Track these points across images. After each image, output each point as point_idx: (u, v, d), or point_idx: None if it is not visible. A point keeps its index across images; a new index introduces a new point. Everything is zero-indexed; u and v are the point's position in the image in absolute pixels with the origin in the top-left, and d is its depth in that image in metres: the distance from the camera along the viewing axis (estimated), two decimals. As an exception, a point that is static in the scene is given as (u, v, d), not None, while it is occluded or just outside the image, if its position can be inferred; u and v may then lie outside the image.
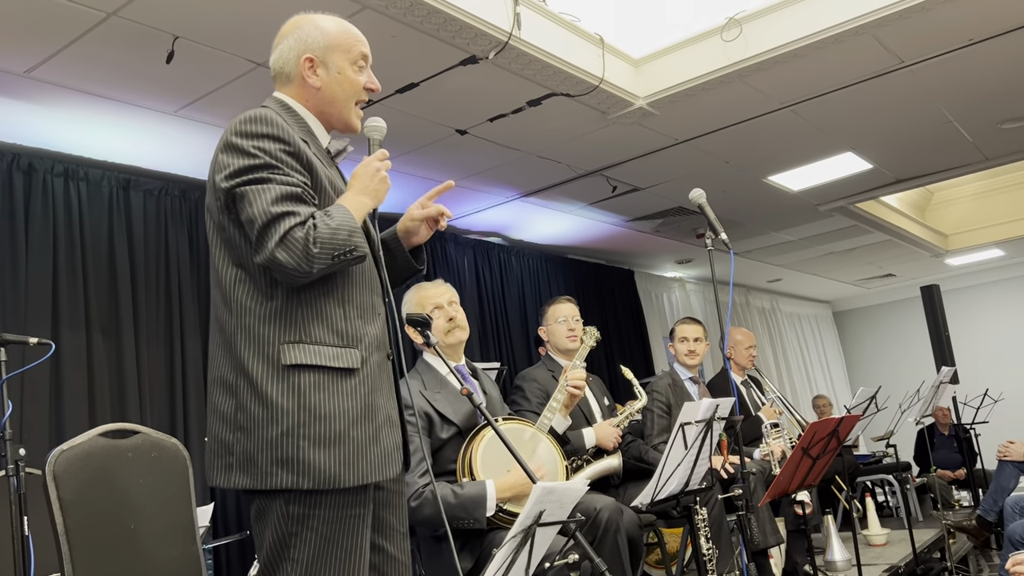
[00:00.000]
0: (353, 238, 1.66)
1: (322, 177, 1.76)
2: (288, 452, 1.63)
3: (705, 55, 3.99)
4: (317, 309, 1.70)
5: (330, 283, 1.72)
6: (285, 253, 1.60)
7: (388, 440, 1.75)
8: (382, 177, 1.78)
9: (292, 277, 1.65)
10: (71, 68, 3.21)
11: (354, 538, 1.70)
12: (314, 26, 1.86)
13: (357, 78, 1.87)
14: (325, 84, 1.84)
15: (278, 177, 1.66)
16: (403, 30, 3.24)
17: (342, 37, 1.86)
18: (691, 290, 8.94)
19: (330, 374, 1.67)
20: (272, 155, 1.67)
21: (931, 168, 6.05)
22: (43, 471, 2.04)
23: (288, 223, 1.62)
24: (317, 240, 1.61)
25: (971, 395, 6.67)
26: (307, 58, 1.83)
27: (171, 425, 3.99)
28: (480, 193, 5.32)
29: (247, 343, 1.68)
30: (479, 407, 2.02)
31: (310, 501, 1.66)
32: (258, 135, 1.68)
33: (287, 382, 1.65)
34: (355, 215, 1.70)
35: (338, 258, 1.64)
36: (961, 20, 3.70)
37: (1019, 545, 3.52)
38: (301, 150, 1.71)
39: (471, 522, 2.61)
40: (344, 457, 1.65)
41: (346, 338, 1.71)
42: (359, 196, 1.75)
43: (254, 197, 1.64)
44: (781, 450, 4.14)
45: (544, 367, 3.72)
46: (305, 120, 1.85)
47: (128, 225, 4.06)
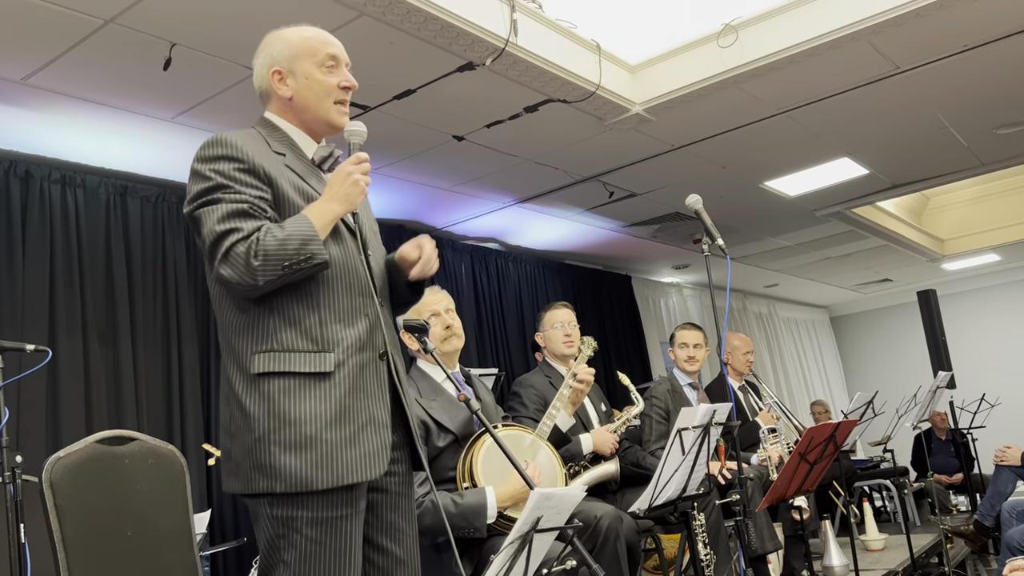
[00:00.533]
0: (307, 247, 1.68)
1: (285, 189, 1.79)
2: (262, 458, 1.68)
3: (701, 61, 4.00)
4: (290, 316, 1.74)
5: (304, 289, 1.75)
6: (228, 268, 1.67)
7: (370, 441, 1.75)
8: (353, 181, 1.77)
9: (241, 291, 1.70)
10: (68, 75, 3.21)
11: (341, 539, 1.72)
12: (278, 39, 1.91)
13: (327, 79, 1.88)
14: (296, 92, 1.88)
15: (228, 196, 1.72)
16: (400, 37, 3.25)
17: (306, 43, 1.89)
18: (688, 295, 8.95)
19: (300, 379, 1.71)
20: (225, 175, 1.74)
21: (927, 173, 6.06)
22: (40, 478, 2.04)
23: (231, 239, 1.68)
24: (259, 253, 1.65)
25: (968, 400, 6.68)
26: (274, 71, 1.88)
27: (168, 432, 3.98)
28: (477, 199, 5.33)
29: (229, 355, 1.78)
30: (476, 412, 2.02)
31: (292, 503, 1.69)
32: (212, 158, 1.76)
33: (258, 390, 1.71)
34: (317, 223, 1.72)
35: (288, 268, 1.67)
36: (956, 26, 3.72)
37: (1017, 551, 3.52)
38: (256, 165, 1.76)
39: (471, 531, 2.61)
40: (316, 460, 1.68)
41: (320, 342, 1.74)
42: (327, 203, 1.76)
43: (204, 219, 1.72)
44: (779, 455, 4.14)
45: (541, 373, 3.72)
46: (288, 134, 1.90)
47: (125, 232, 4.06)
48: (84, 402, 3.69)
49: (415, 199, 5.14)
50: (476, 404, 2.00)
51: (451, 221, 5.69)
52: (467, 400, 2.01)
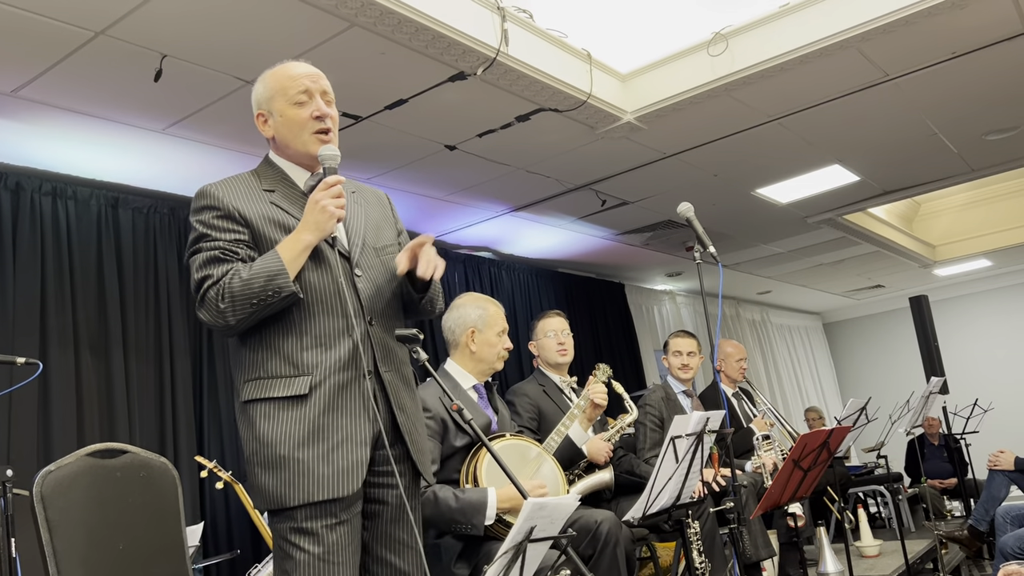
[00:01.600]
0: (273, 282, 1.78)
1: (261, 226, 1.89)
2: (251, 478, 1.86)
3: (692, 70, 4.02)
4: (275, 345, 1.86)
5: (286, 318, 1.86)
6: (204, 313, 1.83)
7: (344, 459, 1.83)
8: (321, 208, 1.83)
9: (219, 331, 1.85)
10: (59, 87, 3.21)
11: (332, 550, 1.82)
12: (260, 82, 2.03)
13: (299, 112, 1.96)
14: (276, 131, 1.99)
15: (206, 245, 1.87)
16: (392, 47, 3.25)
17: (279, 83, 1.98)
18: (681, 303, 8.96)
19: (277, 404, 1.83)
20: (205, 224, 1.88)
21: (918, 180, 6.09)
22: (31, 492, 2.03)
23: (205, 286, 1.83)
24: (225, 296, 1.79)
25: (961, 405, 6.70)
26: (258, 115, 2.02)
27: (160, 444, 3.96)
28: (470, 208, 5.33)
29: (234, 388, 1.95)
30: (469, 422, 2.03)
31: (282, 517, 1.83)
32: (197, 209, 1.92)
33: (246, 416, 1.87)
34: (287, 256, 1.80)
35: (260, 304, 1.79)
36: (944, 34, 3.74)
37: (1011, 555, 3.52)
38: (232, 209, 1.88)
39: (469, 527, 2.62)
40: (287, 479, 1.80)
41: (300, 367, 1.84)
42: (299, 233, 1.84)
43: (191, 268, 1.88)
44: (773, 462, 4.14)
45: (535, 382, 3.72)
46: (282, 169, 2.02)
47: (117, 243, 4.05)
48: (75, 415, 3.66)
49: (408, 208, 5.15)
50: (468, 415, 2.00)
51: (444, 230, 5.70)
52: (460, 410, 2.01)
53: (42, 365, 2.81)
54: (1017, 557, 3.49)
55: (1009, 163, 5.95)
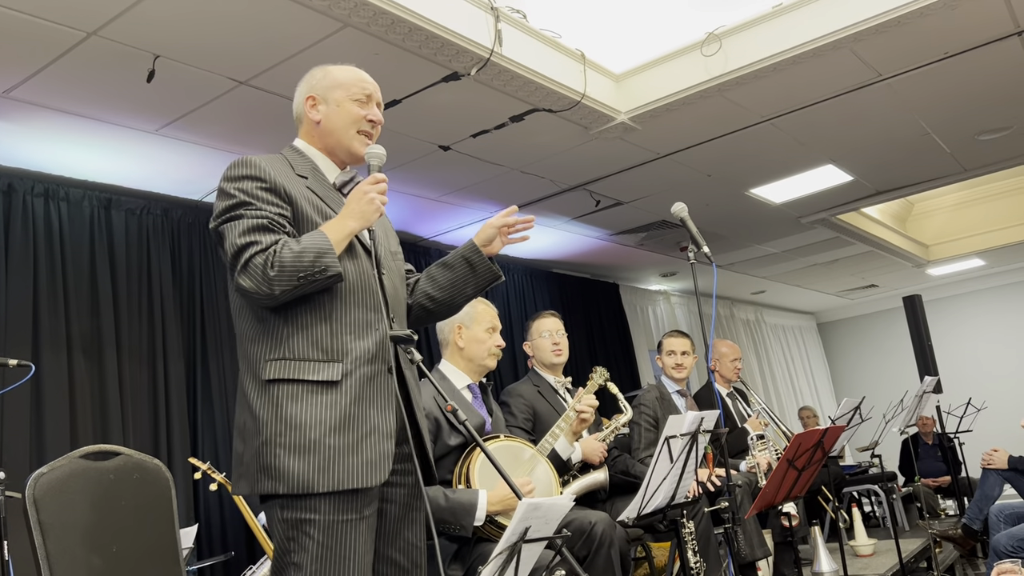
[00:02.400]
0: (322, 259, 1.78)
1: (304, 207, 1.90)
2: (267, 460, 1.77)
3: (685, 70, 4.03)
4: (303, 327, 1.83)
5: (317, 301, 1.85)
6: (247, 279, 1.78)
7: (372, 450, 1.82)
8: (369, 199, 1.87)
9: (258, 300, 1.81)
10: (51, 88, 3.20)
11: (348, 544, 1.79)
12: (322, 71, 2.07)
13: (356, 109, 2.03)
14: (324, 116, 2.02)
15: (249, 212, 1.83)
16: (385, 47, 3.25)
17: (346, 79, 2.06)
18: (676, 303, 8.97)
19: (307, 386, 1.80)
20: (248, 193, 1.85)
21: (911, 179, 6.11)
22: (23, 494, 2.02)
23: (250, 251, 1.78)
24: (275, 264, 1.76)
25: (954, 404, 6.71)
26: (309, 96, 2.04)
27: (154, 446, 3.95)
28: (464, 209, 5.33)
29: (244, 363, 1.88)
30: (464, 423, 2.02)
31: (300, 507, 1.77)
32: (237, 177, 1.87)
33: (267, 395, 1.80)
34: (333, 237, 1.82)
35: (305, 280, 1.77)
36: (936, 34, 3.75)
37: (1004, 554, 3.53)
38: (278, 184, 1.87)
39: (457, 528, 2.62)
40: (318, 464, 1.76)
41: (330, 352, 1.83)
42: (344, 219, 1.86)
43: (227, 233, 1.83)
44: (767, 462, 4.15)
45: (530, 382, 3.72)
46: (312, 159, 2.04)
47: (110, 244, 4.03)
48: (68, 417, 3.65)
49: (402, 209, 5.14)
50: (463, 416, 2.00)
51: (438, 231, 5.69)
52: (454, 411, 2.01)
53: (34, 367, 2.81)
54: (1011, 555, 3.50)
55: (1001, 163, 5.97)
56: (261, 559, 3.58)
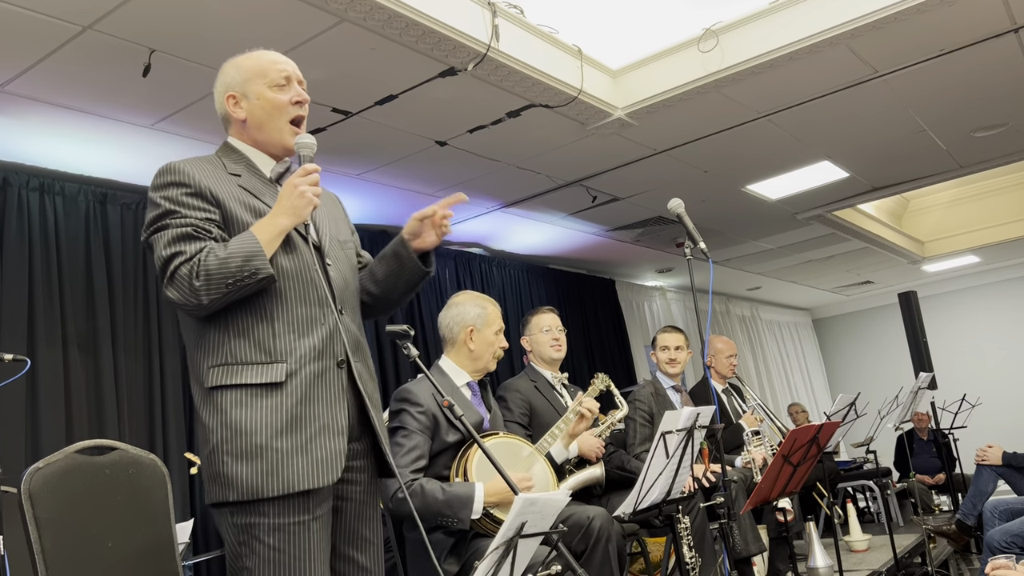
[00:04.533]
0: (250, 263, 1.73)
1: (233, 207, 1.85)
2: (216, 467, 1.76)
3: (682, 66, 4.02)
4: (243, 330, 1.80)
5: (256, 302, 1.81)
6: (174, 290, 1.75)
7: (323, 449, 1.78)
8: (299, 193, 1.80)
9: (189, 311, 1.78)
10: (46, 82, 3.19)
11: (301, 545, 1.76)
12: (232, 66, 2.00)
13: (278, 96, 1.94)
14: (249, 113, 1.96)
15: (175, 221, 1.79)
16: (382, 42, 3.24)
17: (257, 66, 1.97)
18: (672, 299, 8.98)
19: (250, 390, 1.77)
20: (172, 200, 1.81)
21: (906, 176, 6.12)
22: (19, 489, 2.02)
23: (176, 262, 1.75)
24: (200, 273, 1.72)
25: (949, 400, 6.74)
26: (228, 96, 1.97)
27: (150, 441, 3.95)
28: (460, 205, 5.31)
29: (191, 372, 1.86)
30: (460, 418, 2.03)
31: (250, 511, 1.74)
32: (161, 185, 1.85)
33: (212, 403, 1.78)
34: (263, 237, 1.77)
35: (233, 285, 1.73)
36: (932, 31, 3.76)
37: (998, 550, 3.55)
38: (203, 188, 1.83)
39: (455, 521, 2.63)
40: (266, 468, 1.73)
41: (273, 354, 1.79)
42: (275, 217, 1.80)
43: (155, 245, 1.80)
44: (762, 457, 4.16)
45: (527, 377, 3.72)
46: (245, 155, 1.98)
47: (105, 239, 4.03)
48: (64, 412, 3.64)
49: (398, 204, 5.13)
50: (459, 411, 2.00)
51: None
52: (451, 406, 2.01)
53: (30, 361, 2.80)
54: (1004, 551, 3.51)
55: (997, 159, 5.98)
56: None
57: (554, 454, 3.24)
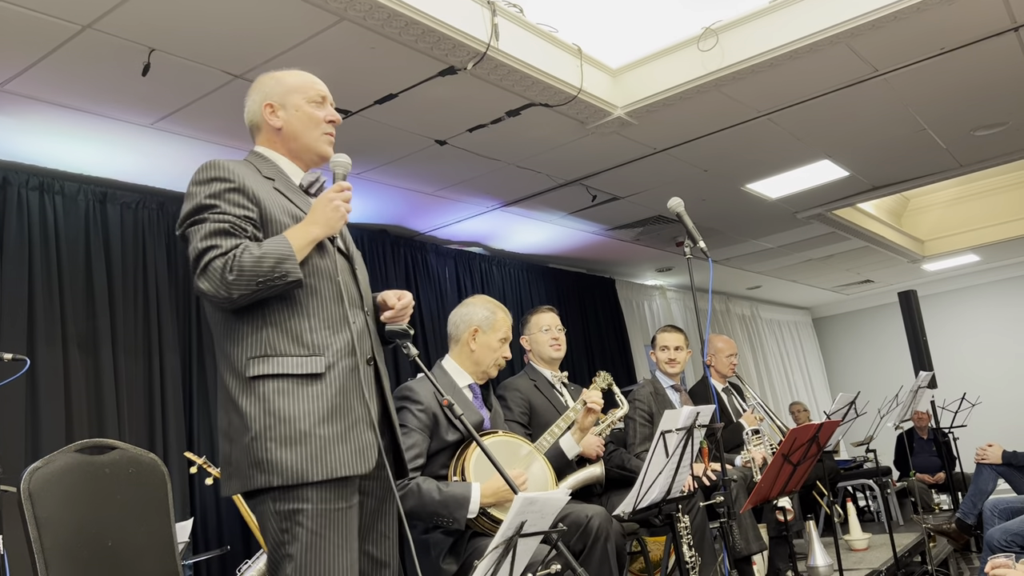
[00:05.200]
0: (282, 265, 1.82)
1: (272, 209, 1.94)
2: (259, 454, 1.81)
3: (682, 65, 4.02)
4: (281, 323, 1.88)
5: (291, 300, 1.90)
6: (206, 282, 1.82)
7: (360, 439, 1.88)
8: (334, 207, 1.92)
9: (217, 303, 1.85)
10: (46, 81, 3.18)
11: (341, 531, 1.83)
12: (272, 79, 2.12)
13: (315, 112, 2.08)
14: (285, 122, 2.07)
15: (213, 216, 1.87)
16: (381, 41, 3.24)
17: (299, 83, 2.11)
18: (672, 298, 8.98)
19: (293, 380, 1.85)
20: (214, 195, 1.89)
21: (906, 175, 6.12)
22: (18, 488, 2.02)
23: (210, 255, 1.82)
24: (234, 268, 1.80)
25: (949, 399, 6.73)
26: (267, 104, 2.08)
27: (150, 440, 3.95)
28: (460, 203, 5.32)
29: (224, 363, 1.92)
30: (459, 417, 2.03)
31: (292, 497, 1.80)
32: (205, 180, 1.91)
33: (253, 392, 1.84)
34: (296, 243, 1.86)
35: (264, 284, 1.81)
36: (933, 29, 3.75)
37: (998, 548, 3.55)
38: (247, 186, 1.91)
39: (451, 521, 2.62)
40: (310, 454, 1.80)
41: (311, 347, 1.88)
42: (309, 225, 1.91)
43: (191, 237, 1.87)
44: (762, 456, 4.16)
45: (526, 377, 3.72)
46: (276, 163, 2.07)
47: (105, 238, 4.02)
48: (64, 411, 3.64)
49: (398, 203, 5.13)
50: (459, 410, 2.01)
51: (434, 225, 5.69)
52: (450, 405, 2.02)
53: (29, 361, 2.80)
54: (1004, 550, 3.51)
55: (997, 158, 5.97)
56: (257, 553, 3.57)
57: (564, 448, 3.24)
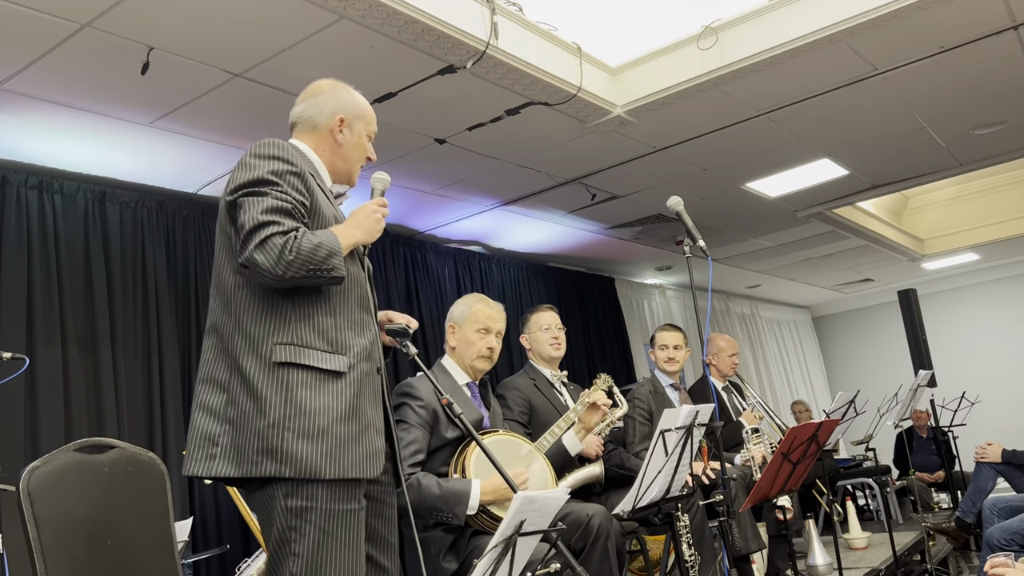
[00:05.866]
0: (332, 259, 1.84)
1: (320, 203, 1.97)
2: (273, 443, 1.78)
3: (681, 63, 4.02)
4: (309, 316, 1.88)
5: (322, 296, 1.91)
6: (262, 255, 1.79)
7: (372, 443, 1.88)
8: (376, 218, 2.01)
9: (265, 278, 1.82)
10: (45, 79, 3.18)
11: (350, 532, 1.83)
12: (349, 94, 2.18)
13: (367, 145, 2.19)
14: (346, 143, 2.13)
15: (275, 192, 1.86)
16: (381, 40, 3.24)
17: (367, 112, 2.20)
18: (671, 297, 8.97)
19: (318, 374, 1.84)
20: (276, 173, 1.89)
21: (906, 174, 6.12)
22: (17, 487, 2.02)
23: (271, 229, 1.80)
24: (294, 249, 1.79)
25: (949, 398, 6.74)
26: (340, 118, 2.12)
27: (149, 439, 3.94)
28: (460, 202, 5.32)
29: (243, 342, 1.86)
30: (459, 416, 2.03)
31: (305, 494, 1.79)
32: (268, 156, 1.91)
33: (276, 378, 1.82)
34: (342, 242, 1.89)
35: (313, 272, 1.82)
36: (932, 28, 3.75)
37: (997, 547, 3.55)
38: (305, 174, 1.94)
39: (450, 516, 2.63)
40: (326, 450, 1.80)
41: (335, 345, 1.89)
42: (351, 228, 1.96)
43: (249, 206, 1.84)
44: (762, 455, 4.16)
45: (526, 376, 3.72)
46: (314, 164, 2.09)
47: (104, 237, 4.02)
48: (63, 410, 3.64)
49: (397, 202, 5.13)
50: (458, 409, 2.01)
51: (434, 224, 5.69)
52: (449, 404, 2.02)
53: (29, 360, 2.80)
54: (1004, 548, 3.51)
55: (997, 157, 5.97)
56: (256, 552, 3.57)
57: (567, 444, 3.24)
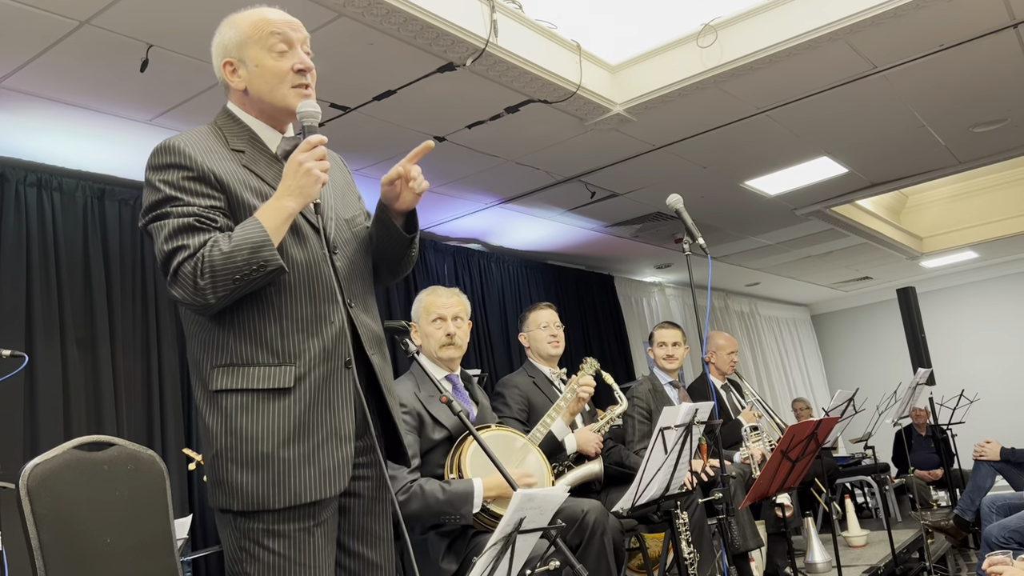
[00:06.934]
0: (258, 254, 1.59)
1: (239, 191, 1.70)
2: (219, 474, 1.67)
3: (681, 61, 4.02)
4: (250, 329, 1.68)
5: (264, 298, 1.68)
6: (179, 289, 1.62)
7: (330, 457, 1.69)
8: (306, 170, 1.64)
9: (196, 310, 1.66)
10: (44, 77, 3.18)
11: (307, 552, 1.68)
12: (228, 26, 1.81)
13: (278, 63, 1.76)
14: (248, 82, 1.78)
15: (176, 210, 1.65)
16: (380, 37, 3.23)
17: (253, 28, 1.77)
18: (671, 295, 8.97)
19: (257, 395, 1.66)
20: (173, 185, 1.66)
21: (905, 172, 6.12)
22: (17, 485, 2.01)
23: (178, 259, 1.61)
24: (205, 271, 1.58)
25: (947, 396, 6.74)
26: (225, 62, 1.80)
27: (148, 437, 3.94)
28: (459, 200, 5.32)
29: (193, 370, 1.75)
30: (458, 414, 2.03)
31: (256, 517, 1.66)
32: (161, 167, 1.69)
33: (216, 406, 1.67)
34: (270, 224, 1.62)
35: (244, 279, 1.59)
36: (932, 26, 3.75)
37: (996, 545, 3.55)
38: (206, 172, 1.68)
39: (457, 518, 2.63)
40: (271, 479, 1.64)
41: (282, 355, 1.67)
42: (280, 199, 1.65)
43: (155, 236, 1.66)
44: (761, 453, 4.16)
45: (525, 374, 3.72)
46: (249, 126, 1.81)
47: (103, 235, 4.02)
48: (62, 408, 3.64)
49: (396, 200, 5.12)
50: (458, 407, 2.00)
51: (433, 222, 5.68)
52: (449, 402, 2.01)
53: (28, 357, 2.79)
54: (1002, 546, 3.52)
55: (996, 155, 5.98)
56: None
57: (556, 432, 3.25)
